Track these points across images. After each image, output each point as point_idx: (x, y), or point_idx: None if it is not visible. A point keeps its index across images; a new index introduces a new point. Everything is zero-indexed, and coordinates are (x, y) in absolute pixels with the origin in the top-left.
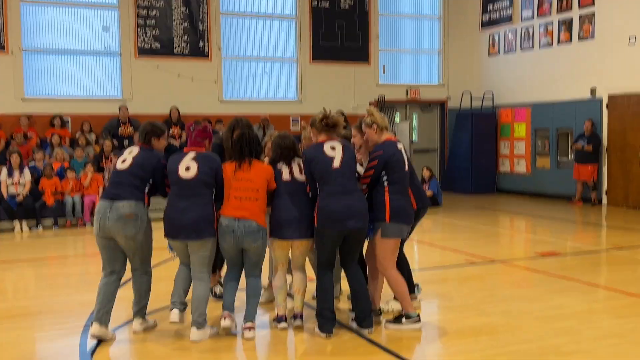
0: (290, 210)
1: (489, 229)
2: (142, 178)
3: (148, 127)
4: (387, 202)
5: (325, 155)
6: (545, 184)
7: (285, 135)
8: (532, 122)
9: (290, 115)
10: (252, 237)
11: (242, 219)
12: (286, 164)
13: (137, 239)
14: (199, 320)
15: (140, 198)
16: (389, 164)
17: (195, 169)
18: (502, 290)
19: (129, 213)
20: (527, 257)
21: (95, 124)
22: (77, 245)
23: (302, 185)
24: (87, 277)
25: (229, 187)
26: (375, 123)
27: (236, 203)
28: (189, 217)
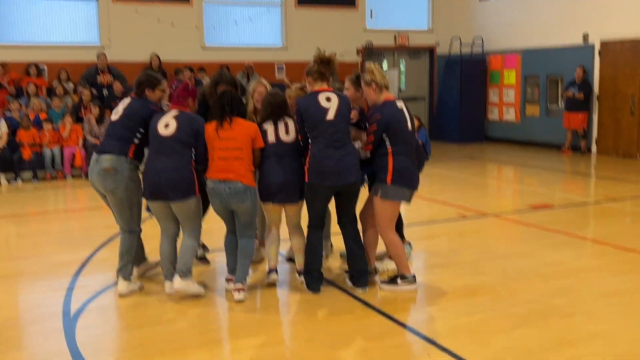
0: (278, 174)
1: (478, 180)
2: (130, 129)
3: (142, 77)
4: (390, 164)
5: (320, 105)
6: (534, 132)
7: (277, 92)
8: (522, 68)
9: (275, 62)
10: (238, 198)
11: (227, 181)
12: (273, 123)
13: (117, 194)
14: (183, 269)
15: (123, 152)
16: (390, 126)
17: (175, 127)
18: (496, 246)
19: (108, 167)
20: (518, 209)
21: (73, 72)
22: (58, 199)
23: (289, 146)
24: (69, 235)
25: (212, 147)
26: (375, 82)
27: (220, 164)
28: (166, 177)
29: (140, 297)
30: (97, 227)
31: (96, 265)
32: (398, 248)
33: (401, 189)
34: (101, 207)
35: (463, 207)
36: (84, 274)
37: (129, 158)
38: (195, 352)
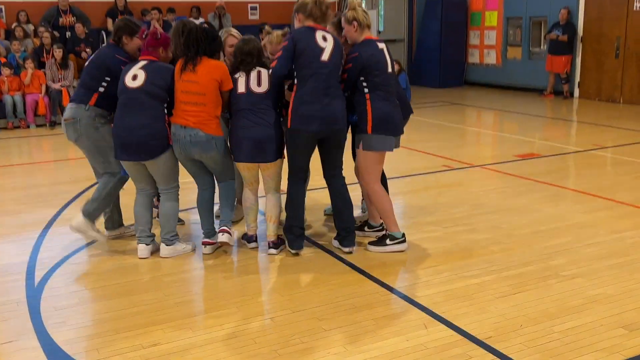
0: (249, 129)
1: (461, 128)
2: (95, 77)
3: (120, 23)
4: (368, 111)
5: (316, 43)
6: (515, 76)
7: (250, 38)
8: (505, 9)
9: (249, 2)
10: (200, 147)
11: (187, 127)
12: (245, 72)
13: (81, 143)
14: (167, 237)
15: (83, 100)
16: (367, 67)
17: (143, 78)
18: (486, 200)
19: (67, 117)
20: (505, 159)
21: (33, 13)
22: (22, 150)
23: (261, 97)
24: (35, 191)
25: (177, 90)
26: (356, 20)
27: (182, 108)
28: (137, 134)
29: (114, 260)
30: (63, 182)
31: (63, 224)
32: (385, 202)
33: (383, 137)
34: (68, 159)
35: (446, 157)
36: (50, 236)
37: (89, 106)
38: (171, 328)
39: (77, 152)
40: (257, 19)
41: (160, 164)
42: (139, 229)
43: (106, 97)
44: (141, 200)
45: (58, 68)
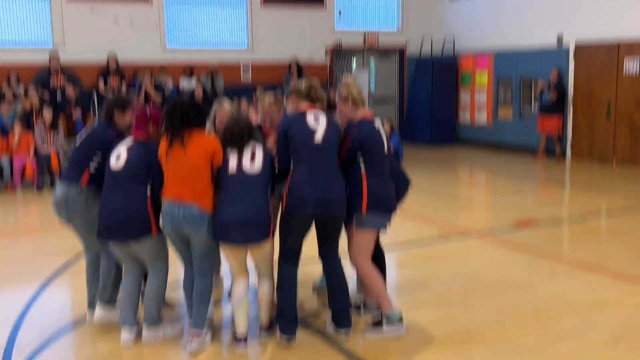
0: (237, 209)
1: (456, 191)
2: (86, 154)
3: (111, 100)
4: (364, 189)
5: (307, 126)
6: (507, 135)
7: (240, 118)
8: (495, 70)
9: (241, 63)
10: (192, 223)
11: (180, 202)
12: (237, 151)
13: (74, 224)
14: (149, 321)
15: (75, 178)
16: (365, 146)
17: (124, 159)
18: (486, 275)
19: (59, 198)
20: (503, 227)
21: (24, 75)
22: (7, 215)
23: (253, 179)
24: (16, 263)
25: (165, 168)
26: (351, 97)
27: (174, 184)
28: (118, 217)
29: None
30: (48, 253)
31: (43, 304)
32: (376, 281)
33: (378, 215)
34: (53, 228)
35: (441, 223)
36: (29, 318)
37: (81, 188)
38: None
39: None
40: (249, 80)
41: (145, 246)
42: (123, 312)
43: (97, 176)
44: (127, 280)
45: (47, 130)
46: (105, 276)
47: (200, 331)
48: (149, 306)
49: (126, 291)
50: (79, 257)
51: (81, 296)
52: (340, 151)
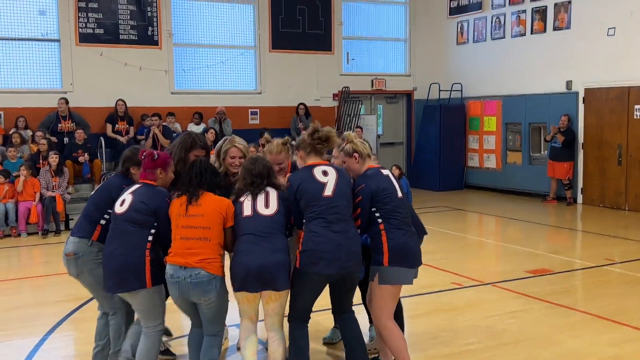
0: (255, 255)
1: (466, 238)
2: (99, 209)
3: (127, 154)
4: (384, 242)
5: (316, 180)
6: (516, 181)
7: (258, 158)
8: (503, 115)
9: (249, 107)
10: (200, 290)
11: (187, 267)
12: (253, 195)
13: (83, 279)
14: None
15: (87, 234)
16: (377, 196)
17: (128, 204)
18: (502, 327)
19: (69, 252)
20: (516, 276)
21: (32, 118)
22: (11, 263)
23: (269, 220)
24: (18, 313)
25: (175, 226)
26: (357, 152)
27: (182, 245)
28: (113, 264)
29: None
30: (51, 302)
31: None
32: (398, 341)
33: (400, 270)
34: (56, 275)
35: (455, 272)
36: None
37: (92, 241)
38: None
39: None
40: (257, 124)
41: (138, 300)
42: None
43: (108, 229)
44: (138, 328)
45: (52, 175)
46: (115, 337)
47: None
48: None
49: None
50: (82, 306)
51: (84, 347)
52: (354, 210)
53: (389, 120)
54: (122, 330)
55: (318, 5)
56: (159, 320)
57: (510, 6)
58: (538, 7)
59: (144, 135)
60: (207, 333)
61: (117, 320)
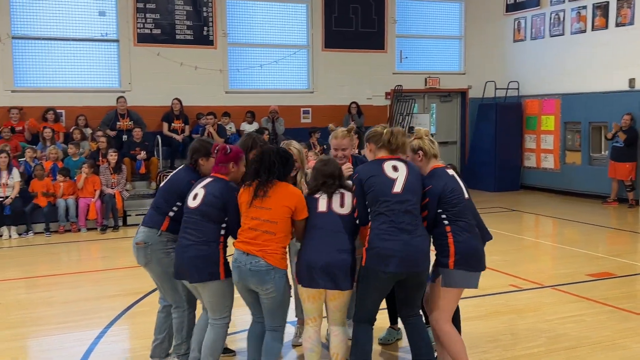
0: (323, 252)
1: (523, 239)
2: (168, 201)
3: (195, 145)
4: (450, 245)
5: (385, 175)
6: (575, 181)
7: (329, 160)
8: (562, 114)
9: (301, 106)
10: (258, 278)
11: (250, 254)
12: (328, 195)
13: (151, 268)
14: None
15: (157, 224)
16: (443, 197)
17: (201, 198)
18: (564, 331)
19: (139, 241)
20: (577, 279)
21: (92, 117)
22: (71, 258)
23: (342, 219)
24: (77, 306)
25: (245, 215)
26: (422, 149)
27: (249, 234)
28: (188, 255)
29: None
30: (110, 295)
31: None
32: (457, 345)
33: (466, 273)
34: (115, 269)
35: (513, 274)
36: None
37: (161, 231)
38: None
39: (125, 261)
40: (309, 122)
41: (209, 291)
42: (193, 354)
43: (178, 221)
44: (203, 323)
45: (111, 172)
46: (178, 330)
47: None
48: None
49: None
50: (139, 300)
51: (142, 341)
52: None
53: (442, 119)
54: (184, 323)
55: (371, 4)
56: (227, 313)
57: (570, 2)
58: (599, 3)
59: (199, 134)
60: (269, 327)
61: (180, 313)
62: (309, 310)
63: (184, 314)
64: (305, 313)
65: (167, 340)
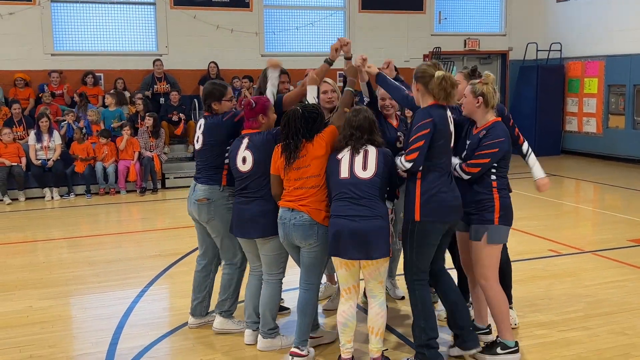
0: (346, 220)
1: (563, 204)
2: (218, 154)
3: (206, 90)
4: (496, 201)
5: (449, 129)
6: (618, 146)
7: (361, 109)
8: (606, 76)
9: (337, 69)
10: (301, 232)
11: (294, 210)
12: (354, 151)
13: (213, 225)
14: (265, 329)
15: (216, 181)
16: (504, 158)
17: (251, 162)
18: (604, 296)
19: (202, 197)
20: (618, 244)
21: (130, 80)
22: (111, 218)
23: (366, 184)
24: (119, 265)
25: (287, 179)
26: (484, 96)
27: (295, 192)
28: (250, 212)
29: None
30: (149, 256)
31: (144, 307)
32: (503, 305)
33: (507, 228)
34: (154, 230)
35: (552, 239)
36: (130, 323)
37: (223, 186)
38: None
39: (164, 222)
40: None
41: (270, 247)
42: (247, 312)
43: (231, 174)
44: (254, 282)
45: (150, 136)
46: (226, 286)
47: (299, 351)
48: (264, 315)
49: (253, 291)
50: (179, 260)
51: (181, 300)
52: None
53: None
54: (234, 280)
55: None
56: (282, 269)
57: None
58: None
59: (235, 98)
60: (303, 284)
61: (232, 270)
62: (343, 278)
63: (236, 271)
64: (340, 282)
65: (207, 298)
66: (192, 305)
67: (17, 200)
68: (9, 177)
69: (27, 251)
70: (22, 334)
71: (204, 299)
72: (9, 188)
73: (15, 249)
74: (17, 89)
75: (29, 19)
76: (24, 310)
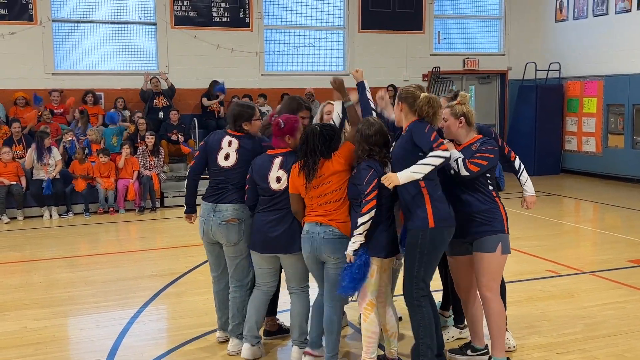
0: None
1: (563, 224)
2: (245, 173)
3: (236, 111)
4: (501, 210)
5: None
6: (617, 166)
7: (374, 122)
8: (605, 96)
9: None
10: (331, 247)
11: (323, 224)
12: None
13: (239, 245)
14: (301, 339)
15: (243, 199)
16: (494, 168)
17: (286, 180)
18: (603, 318)
19: (233, 217)
20: (617, 265)
21: (130, 99)
22: (109, 237)
23: None
24: (115, 286)
25: (309, 198)
26: (465, 117)
27: (320, 210)
28: (276, 230)
29: None
30: (147, 276)
31: (139, 328)
32: (503, 320)
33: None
34: (152, 250)
35: (551, 260)
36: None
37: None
38: None
39: (162, 242)
40: None
41: (296, 261)
42: (247, 327)
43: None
44: (260, 297)
45: (149, 154)
46: (240, 309)
47: (314, 351)
48: (296, 325)
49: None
50: (176, 280)
51: (178, 320)
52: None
53: (481, 101)
54: (245, 303)
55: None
56: (307, 281)
57: None
58: None
59: None
60: (329, 300)
61: (243, 292)
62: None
63: (246, 293)
64: (372, 291)
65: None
66: (220, 322)
67: (16, 219)
68: (8, 196)
69: (24, 271)
70: (15, 355)
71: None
72: (7, 207)
73: (13, 269)
74: (18, 108)
75: (31, 39)
76: (19, 331)
